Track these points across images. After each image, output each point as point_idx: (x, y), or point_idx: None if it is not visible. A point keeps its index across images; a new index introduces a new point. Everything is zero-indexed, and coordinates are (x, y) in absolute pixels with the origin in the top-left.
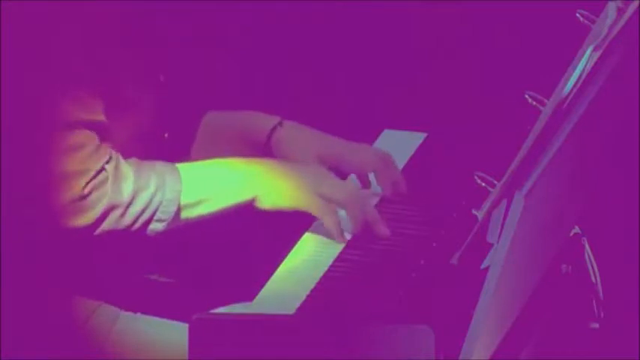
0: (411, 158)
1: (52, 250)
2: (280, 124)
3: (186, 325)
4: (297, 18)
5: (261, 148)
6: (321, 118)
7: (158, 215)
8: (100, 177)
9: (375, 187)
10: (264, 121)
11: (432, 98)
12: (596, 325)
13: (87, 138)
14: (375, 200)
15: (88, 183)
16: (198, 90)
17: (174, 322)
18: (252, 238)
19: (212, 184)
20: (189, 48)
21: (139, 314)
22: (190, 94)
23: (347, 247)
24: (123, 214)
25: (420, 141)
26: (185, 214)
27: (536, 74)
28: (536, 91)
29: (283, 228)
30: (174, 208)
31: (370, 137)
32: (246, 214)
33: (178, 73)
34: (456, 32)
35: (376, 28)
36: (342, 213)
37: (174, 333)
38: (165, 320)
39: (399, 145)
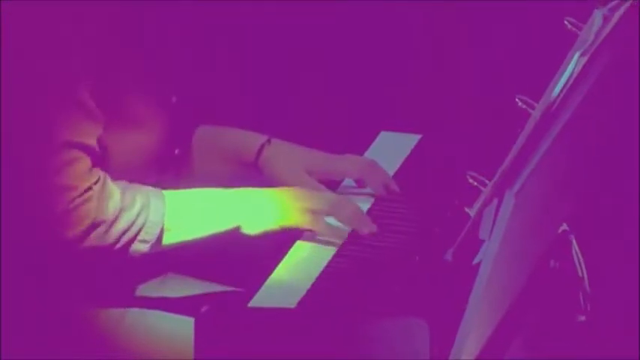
0: (407, 159)
1: (55, 254)
2: (268, 141)
3: (192, 319)
4: (296, 22)
5: (251, 166)
6: (320, 121)
7: (142, 235)
8: (87, 195)
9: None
10: (252, 140)
11: (428, 102)
12: (583, 318)
13: (80, 158)
14: (370, 201)
15: (74, 199)
16: (205, 105)
17: (181, 316)
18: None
19: (195, 213)
20: (197, 61)
21: (146, 309)
22: (199, 111)
23: (345, 243)
24: (107, 231)
25: (415, 142)
26: (167, 239)
27: (526, 78)
28: (526, 94)
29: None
30: (157, 230)
31: (368, 138)
32: None
33: (187, 89)
34: (450, 41)
35: (372, 33)
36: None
37: (180, 327)
38: (172, 314)
39: (396, 146)
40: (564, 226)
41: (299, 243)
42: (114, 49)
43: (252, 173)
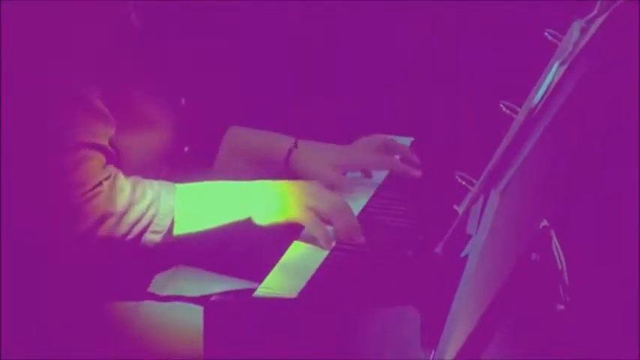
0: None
1: (70, 247)
2: (295, 145)
3: (202, 308)
4: (295, 24)
5: (280, 167)
6: (316, 123)
7: (153, 227)
8: (97, 190)
9: (375, 178)
10: (281, 143)
11: (419, 107)
12: (562, 307)
13: (92, 156)
14: (371, 192)
15: (85, 193)
16: (215, 103)
17: (191, 305)
18: (259, 230)
19: (205, 204)
20: (203, 64)
21: (157, 301)
22: (208, 108)
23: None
24: (118, 223)
25: (408, 144)
26: (179, 229)
27: (510, 85)
28: (510, 100)
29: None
30: (168, 222)
31: None
32: None
33: (196, 89)
34: (441, 50)
35: (365, 38)
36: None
37: (190, 316)
38: (182, 304)
39: None
40: (545, 222)
41: (295, 243)
42: (123, 54)
43: (270, 175)
